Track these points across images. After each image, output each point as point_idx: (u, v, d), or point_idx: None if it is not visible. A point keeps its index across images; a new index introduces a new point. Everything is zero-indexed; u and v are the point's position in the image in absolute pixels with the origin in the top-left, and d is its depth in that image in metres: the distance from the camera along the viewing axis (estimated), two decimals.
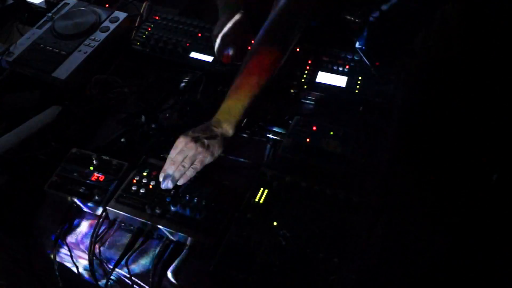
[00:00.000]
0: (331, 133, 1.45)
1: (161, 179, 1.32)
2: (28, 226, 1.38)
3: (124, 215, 1.29)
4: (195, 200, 1.29)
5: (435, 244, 1.33)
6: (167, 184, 1.31)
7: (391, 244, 1.29)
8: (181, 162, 1.31)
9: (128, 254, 1.28)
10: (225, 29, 1.58)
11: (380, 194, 1.33)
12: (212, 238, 1.22)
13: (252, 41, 1.50)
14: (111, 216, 1.33)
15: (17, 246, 1.40)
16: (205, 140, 1.34)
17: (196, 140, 1.33)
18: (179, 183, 1.32)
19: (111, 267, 1.28)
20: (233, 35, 1.59)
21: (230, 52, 1.58)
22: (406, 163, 1.42)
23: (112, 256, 1.30)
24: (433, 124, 1.48)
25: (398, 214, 1.36)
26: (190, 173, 1.33)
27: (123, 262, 1.27)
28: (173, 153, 1.34)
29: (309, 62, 1.64)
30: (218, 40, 1.60)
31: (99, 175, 1.37)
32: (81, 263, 1.36)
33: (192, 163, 1.32)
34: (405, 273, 1.27)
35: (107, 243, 1.32)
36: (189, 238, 1.25)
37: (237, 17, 1.61)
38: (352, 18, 1.60)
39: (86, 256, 1.31)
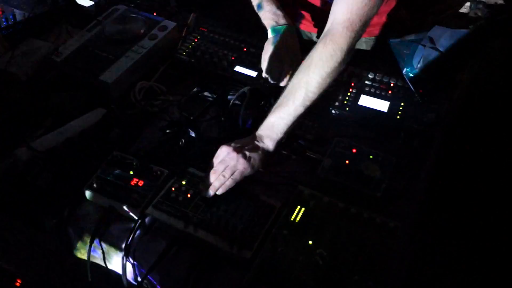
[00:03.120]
0: (371, 156, 1.45)
1: (201, 187, 1.34)
2: (65, 225, 1.40)
3: (161, 221, 1.31)
4: (233, 212, 1.30)
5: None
6: (206, 193, 1.32)
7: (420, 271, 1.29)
8: (222, 171, 1.33)
9: (162, 261, 1.29)
10: (274, 48, 1.60)
11: (416, 221, 1.32)
12: (248, 252, 1.23)
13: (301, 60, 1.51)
14: (148, 222, 1.34)
15: (49, 243, 1.42)
16: (247, 152, 1.36)
17: (238, 151, 1.36)
18: (218, 192, 1.34)
19: (144, 272, 1.29)
20: (282, 54, 1.61)
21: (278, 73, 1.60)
22: (445, 192, 1.41)
23: (146, 261, 1.31)
24: (474, 153, 1.47)
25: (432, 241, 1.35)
26: (229, 183, 1.34)
27: (156, 268, 1.28)
28: (214, 162, 1.36)
29: (352, 84, 1.65)
30: (266, 59, 1.62)
31: (138, 180, 1.39)
32: (114, 266, 1.37)
33: (232, 174, 1.34)
34: None
35: (142, 248, 1.33)
36: (225, 249, 1.25)
37: (286, 37, 1.62)
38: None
39: (120, 260, 1.32)
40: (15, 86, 1.67)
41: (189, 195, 1.35)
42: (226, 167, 1.34)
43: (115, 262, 1.36)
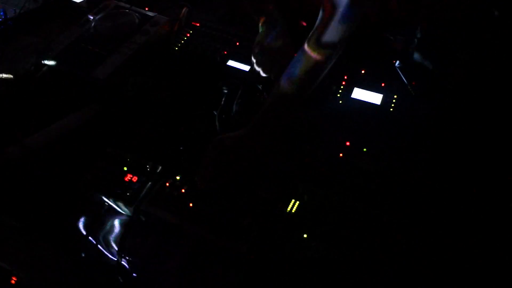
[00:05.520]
0: (364, 149, 1.45)
1: (196, 180, 1.34)
2: (59, 223, 1.39)
3: (156, 217, 1.30)
4: (228, 206, 1.30)
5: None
6: (201, 186, 1.32)
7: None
8: (217, 164, 1.33)
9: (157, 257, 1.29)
10: (265, 43, 1.60)
11: (411, 215, 1.32)
12: (243, 245, 1.23)
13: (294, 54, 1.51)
14: (142, 217, 1.34)
15: (45, 242, 1.42)
16: (241, 145, 1.35)
17: (232, 143, 1.35)
18: (213, 185, 1.34)
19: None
20: (273, 49, 1.60)
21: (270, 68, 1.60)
22: (440, 183, 1.40)
23: (140, 257, 1.31)
24: (468, 145, 1.47)
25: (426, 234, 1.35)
26: (224, 176, 1.34)
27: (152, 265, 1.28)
28: (209, 155, 1.35)
29: (345, 77, 1.64)
30: (257, 54, 1.61)
31: (132, 176, 1.39)
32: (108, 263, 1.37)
33: (227, 166, 1.34)
34: None
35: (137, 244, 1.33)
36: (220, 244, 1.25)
37: (277, 31, 1.62)
38: (394, 38, 1.61)
39: (112, 256, 1.33)
40: (6, 83, 1.66)
41: (183, 190, 1.35)
42: (220, 159, 1.34)
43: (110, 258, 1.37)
